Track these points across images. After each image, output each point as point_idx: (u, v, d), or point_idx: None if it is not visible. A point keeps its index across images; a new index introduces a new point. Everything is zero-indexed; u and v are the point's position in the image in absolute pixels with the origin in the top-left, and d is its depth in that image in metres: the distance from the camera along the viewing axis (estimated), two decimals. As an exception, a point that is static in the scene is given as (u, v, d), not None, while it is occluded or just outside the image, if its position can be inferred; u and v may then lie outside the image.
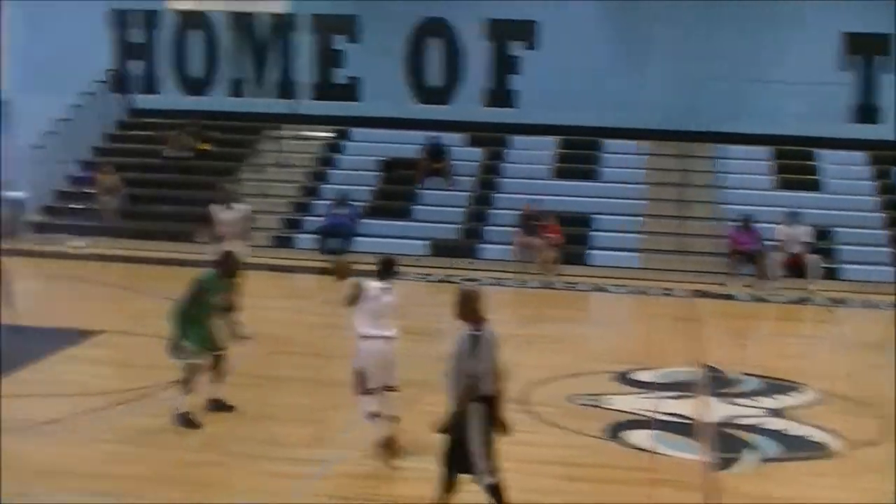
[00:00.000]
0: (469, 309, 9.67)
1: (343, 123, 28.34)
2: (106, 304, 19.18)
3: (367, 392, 11.41)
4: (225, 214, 16.92)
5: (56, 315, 17.60)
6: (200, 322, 12.79)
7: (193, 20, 28.61)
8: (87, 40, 29.15)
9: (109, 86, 29.44)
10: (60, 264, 18.97)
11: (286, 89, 28.93)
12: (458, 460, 9.51)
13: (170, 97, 29.39)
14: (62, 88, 28.38)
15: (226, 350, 13.18)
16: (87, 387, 14.14)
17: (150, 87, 29.75)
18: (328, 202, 25.53)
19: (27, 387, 14.16)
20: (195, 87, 29.45)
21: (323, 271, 11.81)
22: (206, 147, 28.00)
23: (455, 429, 9.45)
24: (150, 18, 29.43)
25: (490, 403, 9.51)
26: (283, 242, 24.89)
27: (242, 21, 28.54)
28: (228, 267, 13.31)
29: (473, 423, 9.37)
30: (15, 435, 12.15)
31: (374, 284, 11.63)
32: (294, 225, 25.49)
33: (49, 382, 14.58)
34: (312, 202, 26.28)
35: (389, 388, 11.49)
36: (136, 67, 29.78)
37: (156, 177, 27.58)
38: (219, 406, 13.06)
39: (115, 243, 24.76)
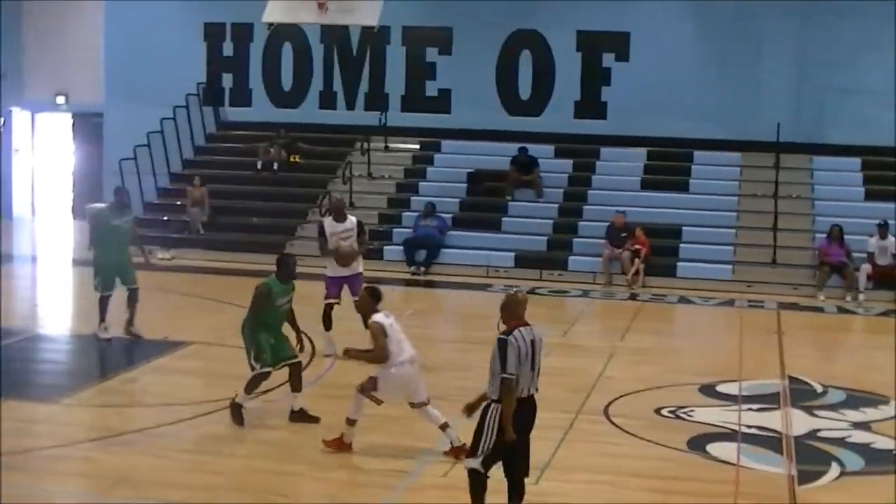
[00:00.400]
0: (514, 312, 9.76)
1: (433, 135, 28.31)
2: (194, 315, 19.32)
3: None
4: (335, 226, 16.60)
5: (144, 326, 17.72)
6: (269, 330, 12.84)
7: (285, 33, 28.77)
8: (181, 53, 29.47)
9: (201, 98, 29.69)
10: (149, 275, 19.09)
11: (377, 101, 28.97)
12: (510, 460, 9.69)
13: (260, 110, 29.57)
14: (155, 101, 28.74)
15: (297, 359, 13.16)
16: (172, 397, 14.21)
17: (242, 99, 29.96)
18: (417, 213, 25.52)
19: (114, 397, 14.29)
20: (286, 99, 29.60)
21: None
22: (297, 159, 28.13)
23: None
24: (243, 31, 29.64)
25: (533, 403, 9.70)
26: (372, 254, 24.87)
27: (334, 34, 28.61)
28: (287, 270, 13.29)
29: (494, 417, 9.52)
30: (100, 443, 12.25)
31: (383, 318, 11.93)
32: (383, 236, 25.50)
33: (136, 392, 14.71)
34: (401, 213, 26.27)
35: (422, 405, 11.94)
36: (227, 80, 30.01)
37: (245, 189, 27.77)
38: (303, 416, 13.05)
39: (203, 255, 24.97)
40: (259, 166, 28.05)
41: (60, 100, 31.14)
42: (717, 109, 26.74)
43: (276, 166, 27.91)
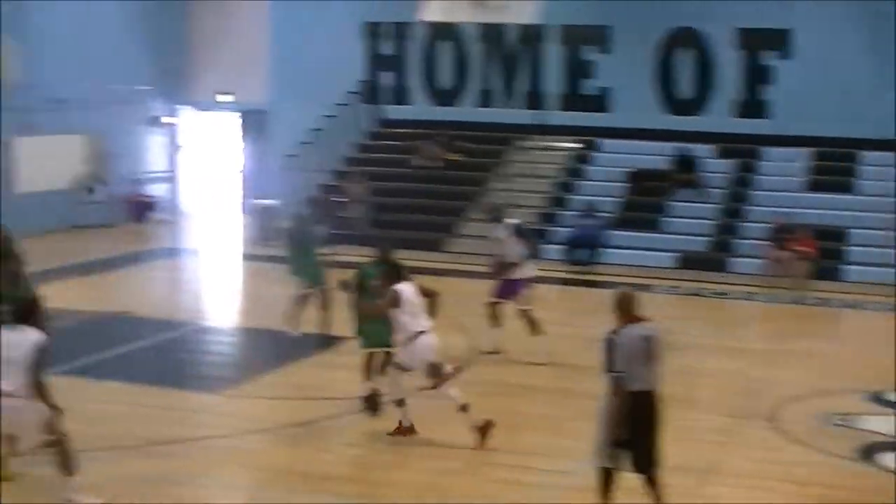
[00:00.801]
0: (626, 310, 9.90)
1: (592, 134, 28.21)
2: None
3: (446, 378, 12.36)
4: (498, 231, 16.71)
5: (307, 320, 18.03)
6: (369, 316, 13.21)
7: (443, 31, 28.94)
8: (342, 52, 29.86)
9: (361, 97, 30.04)
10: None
11: (535, 100, 28.98)
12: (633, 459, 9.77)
13: (419, 108, 29.81)
14: (317, 99, 29.16)
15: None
16: (335, 391, 14.42)
17: (401, 97, 30.24)
18: (575, 213, 25.47)
19: (275, 389, 14.55)
20: (444, 97, 29.80)
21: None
22: (455, 157, 28.29)
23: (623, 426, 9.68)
24: (402, 30, 29.91)
25: (650, 400, 9.73)
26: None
27: (492, 32, 28.72)
28: (386, 258, 13.82)
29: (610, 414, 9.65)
30: (263, 435, 12.50)
31: (407, 287, 12.37)
32: (541, 236, 25.45)
33: (299, 386, 14.95)
34: (560, 213, 26.25)
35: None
36: (387, 79, 30.31)
37: (404, 186, 28.01)
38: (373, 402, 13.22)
39: (363, 251, 25.19)
40: (418, 164, 28.28)
41: (227, 98, 31.78)
42: (884, 108, 26.10)
43: (435, 164, 28.11)
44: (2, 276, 12.90)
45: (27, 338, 9.79)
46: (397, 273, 12.64)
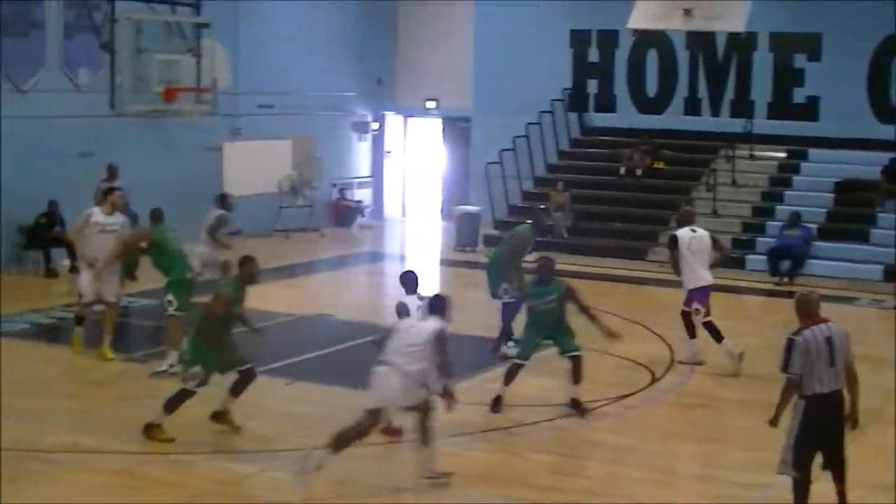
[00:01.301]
0: (807, 312, 9.79)
1: (800, 143, 27.56)
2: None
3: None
4: (692, 240, 16.40)
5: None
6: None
7: (651, 39, 28.70)
8: (547, 60, 29.87)
9: (566, 104, 30.00)
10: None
11: (742, 108, 28.50)
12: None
13: (625, 116, 29.61)
14: (521, 107, 29.24)
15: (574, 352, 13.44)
16: (532, 398, 14.41)
17: (606, 105, 30.08)
18: (781, 223, 24.94)
19: (472, 395, 14.58)
20: (650, 105, 29.54)
21: None
22: (661, 166, 28.03)
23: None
24: (609, 38, 29.75)
25: (839, 401, 9.62)
26: (734, 263, 24.47)
27: (699, 39, 28.33)
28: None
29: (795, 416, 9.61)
30: (461, 439, 12.55)
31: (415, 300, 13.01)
32: (746, 245, 25.07)
33: (495, 391, 14.96)
34: (765, 223, 25.75)
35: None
36: (592, 86, 30.21)
37: (608, 194, 27.88)
38: (576, 406, 13.32)
39: (566, 259, 25.14)
40: (622, 172, 28.13)
41: (431, 105, 32.11)
42: None
43: (639, 172, 27.92)
44: None
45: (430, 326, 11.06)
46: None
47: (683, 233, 16.23)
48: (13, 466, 11.23)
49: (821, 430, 9.59)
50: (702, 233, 16.26)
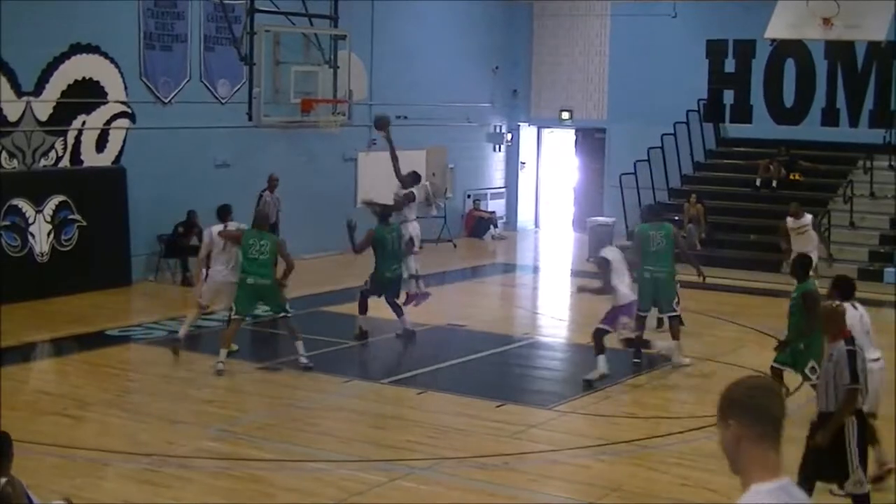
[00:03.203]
0: (833, 325, 9.61)
1: (942, 154, 27.00)
2: (691, 330, 19.27)
3: None
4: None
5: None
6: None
7: (789, 49, 28.32)
8: (683, 70, 29.67)
9: (702, 115, 29.74)
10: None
11: (882, 118, 27.95)
12: (820, 468, 9.51)
13: (761, 126, 29.26)
14: (656, 118, 29.07)
15: None
16: (664, 410, 14.35)
17: (742, 115, 29.75)
18: (921, 235, 24.44)
19: (606, 406, 14.55)
20: (787, 116, 29.13)
21: None
22: (797, 177, 27.62)
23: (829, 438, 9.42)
24: (746, 48, 29.43)
25: (864, 416, 9.57)
26: (870, 275, 24.04)
27: (839, 49, 27.87)
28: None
29: (852, 433, 9.36)
30: (592, 451, 12.51)
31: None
32: (883, 258, 24.59)
33: (627, 403, 14.92)
34: (905, 235, 25.28)
35: None
36: (728, 97, 29.91)
37: (744, 206, 27.56)
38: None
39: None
40: (758, 183, 27.78)
41: (565, 115, 32.09)
42: None
43: (775, 184, 27.54)
44: None
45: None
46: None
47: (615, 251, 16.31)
48: (151, 471, 11.50)
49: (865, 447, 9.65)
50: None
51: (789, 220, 21.23)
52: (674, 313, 16.80)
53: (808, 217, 21.23)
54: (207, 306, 17.02)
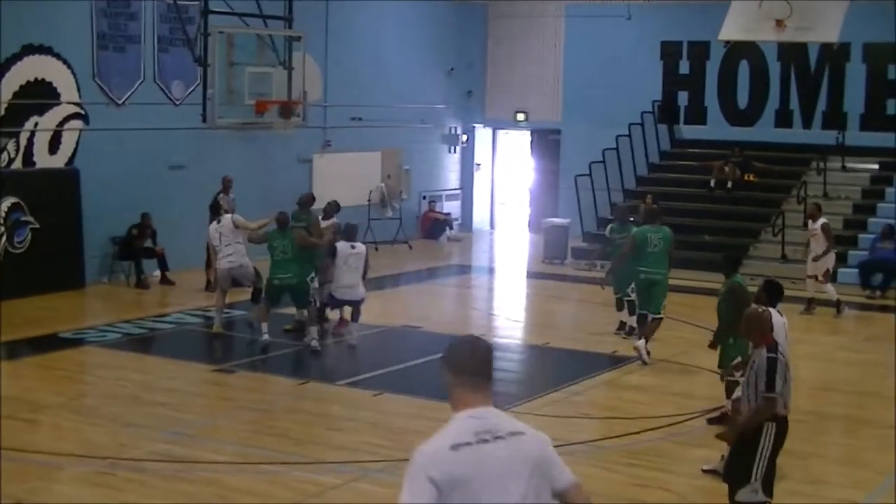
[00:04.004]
0: (756, 330, 9.48)
1: (893, 155, 27.13)
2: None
3: None
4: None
5: (593, 340, 18.07)
6: None
7: (742, 50, 28.48)
8: (637, 72, 29.79)
9: (656, 116, 29.86)
10: (596, 290, 19.46)
11: (835, 120, 28.16)
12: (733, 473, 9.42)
13: (715, 128, 29.41)
14: (611, 119, 29.17)
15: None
16: (619, 411, 14.38)
17: (697, 117, 29.90)
18: (874, 236, 24.59)
19: (560, 407, 14.58)
20: (741, 117, 29.31)
21: None
22: (751, 178, 27.77)
23: (744, 443, 9.28)
24: (700, 49, 29.56)
25: (785, 426, 9.34)
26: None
27: (791, 51, 28.05)
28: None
29: (767, 441, 9.19)
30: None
31: None
32: (837, 258, 24.71)
33: (582, 404, 14.96)
34: (857, 235, 25.41)
35: None
36: (683, 98, 30.05)
37: (698, 207, 27.67)
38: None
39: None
40: (713, 184, 27.91)
41: (520, 117, 32.15)
42: None
43: (730, 185, 27.67)
44: None
45: None
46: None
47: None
48: (106, 474, 11.42)
49: (777, 454, 9.38)
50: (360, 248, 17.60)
51: (809, 222, 21.75)
52: (659, 316, 16.99)
53: (821, 220, 21.44)
54: (225, 291, 18.39)
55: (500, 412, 5.24)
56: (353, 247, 17.67)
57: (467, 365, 5.27)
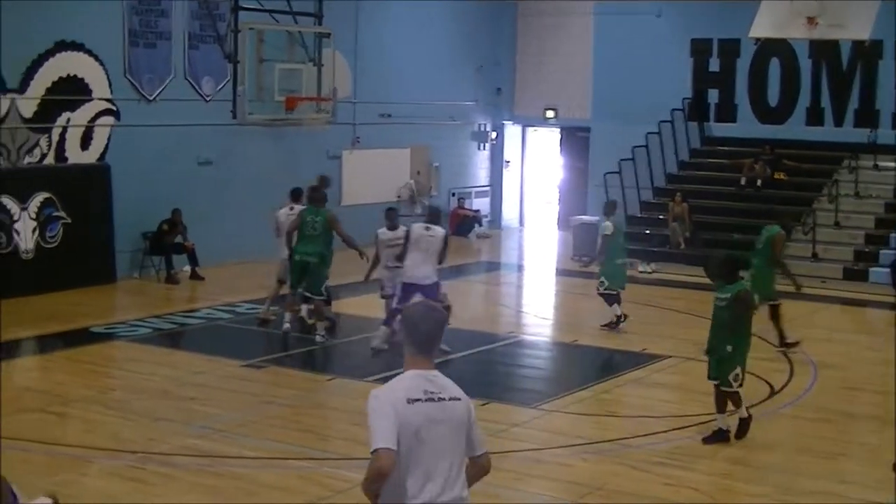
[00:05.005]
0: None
1: (926, 153, 27.08)
2: (672, 329, 19.36)
3: None
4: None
5: (623, 338, 18.05)
6: None
7: (773, 48, 28.37)
8: (667, 69, 29.72)
9: (686, 114, 29.78)
10: (631, 288, 19.44)
11: (867, 118, 28.01)
12: None
13: (745, 125, 29.32)
14: (641, 116, 29.12)
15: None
16: (647, 409, 14.35)
17: (727, 115, 29.80)
18: (905, 235, 24.51)
19: (590, 405, 14.57)
20: (772, 115, 29.19)
21: None
22: (781, 176, 27.67)
23: None
24: (730, 47, 29.46)
25: None
26: (856, 275, 24.13)
27: (823, 48, 27.92)
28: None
29: None
30: (575, 450, 12.53)
31: None
32: (868, 258, 24.65)
33: (611, 403, 14.93)
34: (889, 235, 25.29)
35: None
36: (713, 96, 29.95)
37: (728, 205, 27.59)
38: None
39: (683, 269, 24.96)
40: (743, 182, 27.83)
41: (549, 114, 32.12)
42: None
43: (759, 183, 27.59)
44: None
45: None
46: None
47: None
48: (135, 468, 11.48)
49: None
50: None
51: None
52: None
53: None
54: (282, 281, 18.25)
55: (444, 377, 5.99)
56: (427, 228, 16.53)
57: (423, 330, 5.95)
